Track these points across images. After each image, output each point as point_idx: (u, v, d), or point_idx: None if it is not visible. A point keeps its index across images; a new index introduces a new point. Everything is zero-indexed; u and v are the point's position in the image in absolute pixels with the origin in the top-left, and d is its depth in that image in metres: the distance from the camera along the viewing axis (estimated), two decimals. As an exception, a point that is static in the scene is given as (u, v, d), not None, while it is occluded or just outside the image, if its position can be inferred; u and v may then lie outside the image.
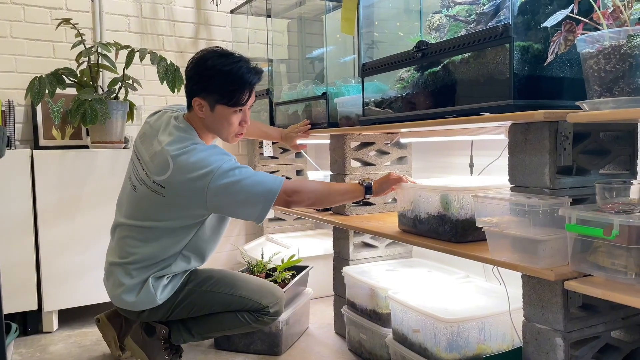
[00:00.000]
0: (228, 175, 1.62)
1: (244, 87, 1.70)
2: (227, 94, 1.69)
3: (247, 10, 3.15)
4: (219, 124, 1.74)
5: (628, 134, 1.45)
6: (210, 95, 1.71)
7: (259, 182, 1.65)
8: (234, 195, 1.63)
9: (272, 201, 1.65)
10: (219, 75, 1.68)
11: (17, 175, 2.28)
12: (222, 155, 1.68)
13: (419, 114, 1.67)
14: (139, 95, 2.88)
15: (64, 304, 2.38)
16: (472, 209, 1.51)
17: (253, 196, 1.63)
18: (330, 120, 2.25)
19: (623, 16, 1.11)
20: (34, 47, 2.72)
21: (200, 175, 1.62)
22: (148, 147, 1.76)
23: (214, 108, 1.72)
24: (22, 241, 2.29)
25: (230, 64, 1.70)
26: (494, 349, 1.61)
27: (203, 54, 1.74)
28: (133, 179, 1.78)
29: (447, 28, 1.69)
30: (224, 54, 1.73)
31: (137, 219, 1.76)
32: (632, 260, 1.11)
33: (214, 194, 1.61)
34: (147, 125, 1.85)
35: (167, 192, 1.66)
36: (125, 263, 1.77)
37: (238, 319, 1.84)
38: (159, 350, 1.85)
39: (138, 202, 1.75)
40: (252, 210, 1.65)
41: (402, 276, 2.04)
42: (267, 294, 1.86)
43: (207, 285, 1.84)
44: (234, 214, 1.72)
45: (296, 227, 3.32)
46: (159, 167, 1.67)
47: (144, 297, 1.75)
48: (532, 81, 1.36)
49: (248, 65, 1.72)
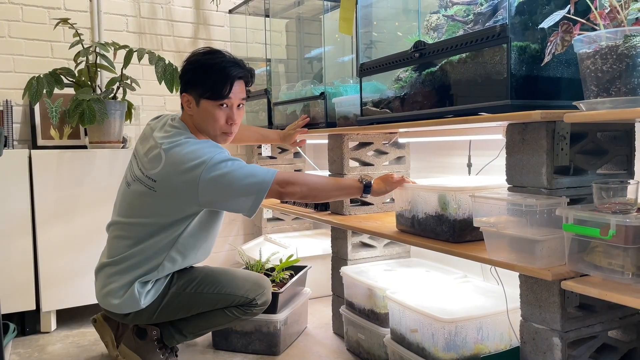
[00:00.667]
0: (220, 167, 1.62)
1: (226, 79, 1.71)
2: (209, 87, 1.71)
3: (246, 10, 3.15)
4: (205, 119, 1.75)
5: (625, 134, 1.45)
6: (194, 90, 1.73)
7: (251, 174, 1.64)
8: (226, 187, 1.62)
9: (265, 192, 1.64)
10: (200, 68, 1.72)
11: (15, 175, 2.28)
12: (214, 148, 1.69)
13: (416, 114, 1.67)
14: (137, 95, 2.88)
15: (62, 304, 2.38)
16: (469, 209, 1.52)
17: (245, 187, 1.63)
18: (328, 120, 2.26)
19: (620, 16, 1.12)
20: (32, 46, 2.72)
21: (191, 167, 1.62)
22: (144, 145, 1.79)
23: (199, 103, 1.74)
24: (20, 241, 2.29)
25: (213, 59, 1.74)
26: (491, 349, 1.62)
27: (193, 53, 1.79)
28: (128, 177, 1.81)
29: (445, 28, 1.69)
30: (210, 52, 1.78)
31: (127, 216, 1.77)
32: (629, 260, 1.12)
33: (206, 185, 1.61)
34: (147, 127, 1.89)
35: (158, 186, 1.67)
36: (113, 263, 1.77)
37: (227, 315, 1.83)
38: (153, 352, 1.85)
39: (131, 198, 1.77)
40: (245, 202, 1.64)
41: (400, 276, 2.05)
42: (252, 287, 1.85)
43: (191, 286, 1.82)
44: (226, 207, 1.70)
45: (294, 227, 3.32)
46: (152, 161, 1.69)
47: (128, 301, 1.75)
48: (530, 81, 1.36)
49: (232, 60, 1.75)
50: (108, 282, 1.77)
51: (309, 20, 3.14)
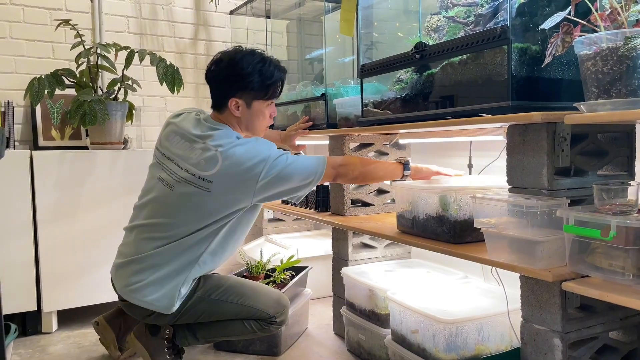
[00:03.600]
0: (279, 162, 1.70)
1: (277, 81, 1.82)
2: (264, 90, 1.79)
3: (247, 11, 3.16)
4: (256, 118, 1.82)
5: (626, 135, 1.45)
6: (247, 93, 1.78)
7: (306, 165, 1.75)
8: (286, 181, 1.71)
9: (318, 180, 1.77)
10: (256, 73, 1.77)
11: (17, 176, 2.28)
12: (268, 144, 1.76)
13: (417, 115, 1.68)
14: (138, 96, 2.88)
15: (63, 305, 2.38)
16: (470, 210, 1.52)
17: (302, 178, 1.73)
18: (329, 121, 2.26)
19: (620, 18, 1.12)
20: (33, 47, 2.72)
21: (252, 165, 1.67)
22: (183, 146, 1.75)
23: (251, 105, 1.80)
24: (22, 242, 2.30)
25: (261, 61, 1.79)
26: (492, 350, 1.62)
27: (232, 56, 1.78)
28: (168, 179, 1.75)
29: (445, 29, 1.69)
30: (250, 52, 1.80)
31: (165, 216, 1.74)
32: (630, 261, 1.12)
33: (267, 181, 1.68)
34: (173, 126, 1.84)
35: (215, 186, 1.67)
36: (140, 260, 1.73)
37: (245, 326, 1.83)
38: (161, 350, 1.85)
39: (174, 200, 1.72)
40: (301, 191, 1.76)
41: (401, 277, 2.05)
42: (274, 304, 1.86)
43: (216, 293, 1.82)
44: (281, 197, 1.77)
45: (295, 227, 3.32)
46: (207, 162, 1.68)
47: (165, 300, 1.73)
48: (530, 83, 1.36)
49: (271, 60, 1.83)
50: (138, 278, 1.73)
51: (310, 21, 3.14)
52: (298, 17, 3.17)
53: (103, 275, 2.36)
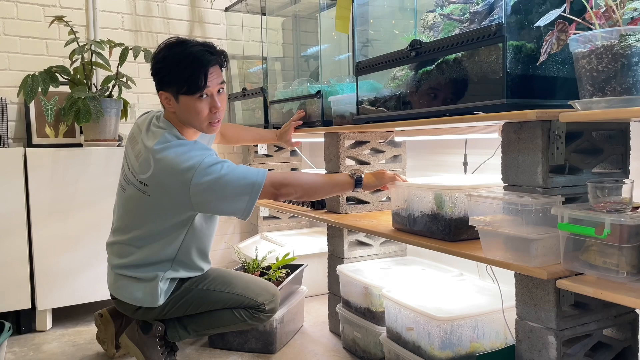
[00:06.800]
0: (211, 171, 1.59)
1: (199, 70, 1.63)
2: (183, 82, 1.64)
3: (242, 8, 3.15)
4: (188, 114, 1.69)
5: (620, 133, 1.46)
6: (170, 87, 1.67)
7: (243, 176, 1.62)
8: (218, 191, 1.60)
9: (258, 194, 1.62)
10: (171, 64, 1.64)
11: (10, 173, 2.27)
12: (203, 150, 1.65)
13: (412, 113, 1.67)
14: (132, 93, 2.87)
15: (57, 303, 2.37)
16: (465, 208, 1.52)
17: (238, 190, 1.61)
18: (324, 119, 2.26)
19: (615, 16, 1.12)
20: (27, 44, 2.71)
21: (181, 171, 1.60)
22: (134, 147, 1.77)
23: (178, 99, 1.67)
24: (15, 239, 2.28)
25: (181, 51, 1.65)
26: (487, 347, 1.62)
27: (159, 47, 1.71)
28: (122, 180, 1.80)
29: (441, 27, 1.69)
30: (177, 43, 1.69)
31: (126, 223, 1.77)
32: (624, 258, 1.12)
33: (198, 189, 1.59)
34: (135, 126, 1.86)
35: (151, 190, 1.66)
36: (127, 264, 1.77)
37: (234, 315, 1.83)
38: (154, 348, 1.85)
39: (126, 202, 1.76)
40: (238, 205, 1.62)
41: (396, 274, 2.05)
42: (262, 292, 1.87)
43: (204, 283, 1.83)
44: (219, 211, 1.68)
45: (291, 225, 3.32)
46: (143, 165, 1.67)
47: (148, 297, 1.75)
48: (525, 80, 1.36)
49: (200, 47, 1.67)
50: (120, 275, 1.78)
51: (306, 18, 3.13)
52: (294, 14, 3.16)
53: (97, 273, 2.35)
